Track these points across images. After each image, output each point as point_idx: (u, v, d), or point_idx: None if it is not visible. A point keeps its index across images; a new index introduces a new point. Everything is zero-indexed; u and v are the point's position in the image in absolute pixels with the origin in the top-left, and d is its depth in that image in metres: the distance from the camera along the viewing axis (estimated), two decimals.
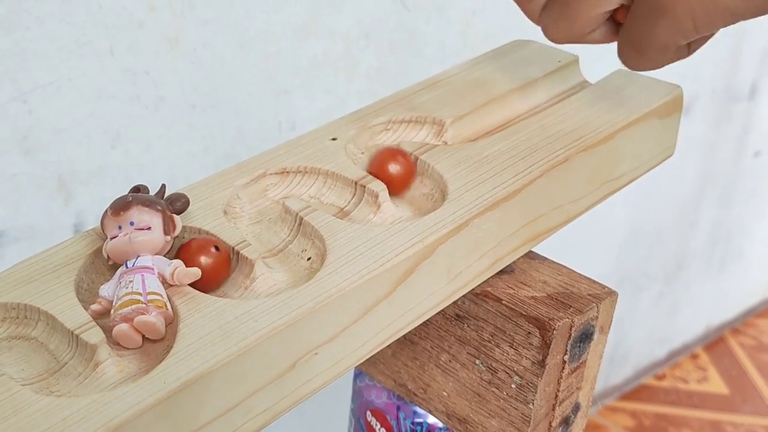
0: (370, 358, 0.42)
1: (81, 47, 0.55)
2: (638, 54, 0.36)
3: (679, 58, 0.37)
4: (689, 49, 0.37)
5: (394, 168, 0.36)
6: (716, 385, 1.36)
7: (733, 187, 1.32)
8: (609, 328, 0.37)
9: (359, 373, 0.43)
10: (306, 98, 0.69)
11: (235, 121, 0.65)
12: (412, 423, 0.41)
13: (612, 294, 0.37)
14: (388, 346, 0.40)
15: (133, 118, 0.59)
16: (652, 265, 1.27)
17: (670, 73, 0.43)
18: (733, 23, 0.33)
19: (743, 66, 1.17)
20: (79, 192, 0.58)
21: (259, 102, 0.66)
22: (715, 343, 1.47)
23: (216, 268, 0.31)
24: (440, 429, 0.40)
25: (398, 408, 0.41)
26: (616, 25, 0.37)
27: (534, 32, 0.48)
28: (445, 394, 0.39)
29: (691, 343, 1.44)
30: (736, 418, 1.28)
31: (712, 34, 0.37)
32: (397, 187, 0.36)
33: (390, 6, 0.71)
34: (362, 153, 0.39)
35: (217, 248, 0.31)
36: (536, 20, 0.38)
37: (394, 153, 0.37)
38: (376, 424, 0.42)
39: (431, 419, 0.41)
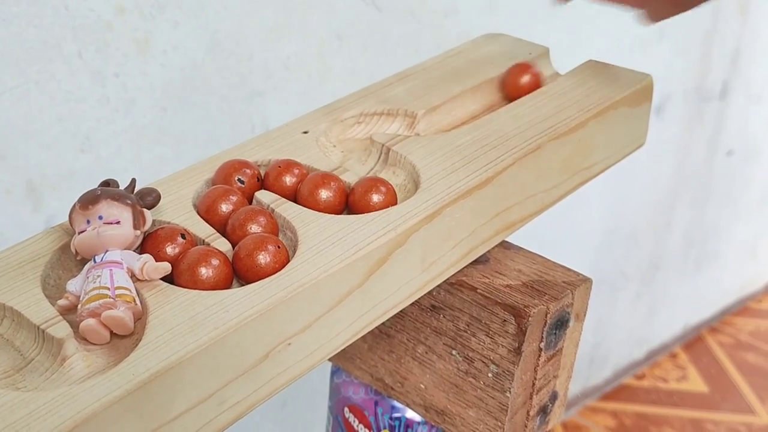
0: (346, 353, 0.41)
1: (48, 50, 0.54)
2: None
3: None
4: None
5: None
6: (696, 383, 1.36)
7: (706, 187, 1.33)
8: (584, 315, 0.37)
9: (336, 369, 0.43)
10: (279, 101, 0.69)
11: (208, 124, 0.65)
12: (391, 418, 0.40)
13: (586, 281, 0.36)
14: (364, 340, 0.40)
15: (103, 121, 0.58)
16: (628, 266, 1.28)
17: None
18: None
19: (714, 66, 1.19)
20: (49, 197, 0.57)
21: (232, 105, 0.66)
22: (693, 342, 1.48)
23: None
24: (419, 423, 0.40)
25: (376, 403, 0.41)
26: None
27: (504, 32, 0.48)
28: (422, 386, 0.38)
29: (669, 343, 1.45)
30: (716, 416, 1.29)
31: None
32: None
33: (362, 8, 0.71)
34: (334, 146, 0.39)
35: (183, 236, 0.30)
36: None
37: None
38: (354, 421, 0.41)
39: (409, 413, 0.40)
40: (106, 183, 0.32)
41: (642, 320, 1.37)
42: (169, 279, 0.30)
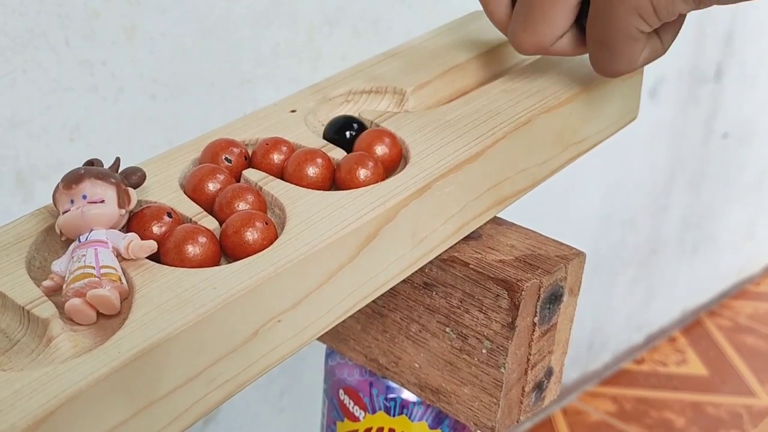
0: (340, 334, 0.41)
1: (35, 38, 0.53)
2: (607, 52, 0.34)
3: (655, 55, 0.35)
4: (662, 42, 0.36)
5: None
6: (695, 367, 1.36)
7: (703, 170, 1.33)
8: (578, 290, 0.37)
9: (331, 352, 0.43)
10: (270, 88, 0.68)
11: (198, 112, 0.64)
12: (386, 399, 0.40)
13: (580, 254, 0.36)
14: (357, 320, 0.40)
15: (92, 110, 0.58)
16: (625, 251, 1.27)
17: None
18: (697, 6, 0.32)
19: (708, 48, 1.18)
20: (39, 188, 0.57)
21: (223, 92, 0.65)
22: (692, 326, 1.47)
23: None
24: (414, 403, 0.40)
25: (371, 384, 0.40)
26: (582, 32, 0.36)
27: None
28: (416, 365, 0.38)
29: (668, 327, 1.45)
30: (716, 398, 1.29)
31: (681, 25, 0.36)
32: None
33: None
34: (322, 125, 0.39)
35: (170, 215, 0.30)
36: (503, 28, 0.37)
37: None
38: (349, 403, 0.41)
39: (405, 394, 0.40)
40: (90, 162, 0.31)
41: (640, 305, 1.37)
42: (155, 258, 0.30)
